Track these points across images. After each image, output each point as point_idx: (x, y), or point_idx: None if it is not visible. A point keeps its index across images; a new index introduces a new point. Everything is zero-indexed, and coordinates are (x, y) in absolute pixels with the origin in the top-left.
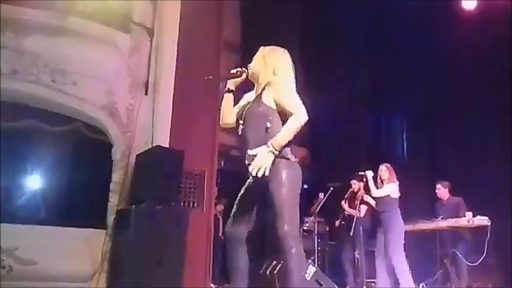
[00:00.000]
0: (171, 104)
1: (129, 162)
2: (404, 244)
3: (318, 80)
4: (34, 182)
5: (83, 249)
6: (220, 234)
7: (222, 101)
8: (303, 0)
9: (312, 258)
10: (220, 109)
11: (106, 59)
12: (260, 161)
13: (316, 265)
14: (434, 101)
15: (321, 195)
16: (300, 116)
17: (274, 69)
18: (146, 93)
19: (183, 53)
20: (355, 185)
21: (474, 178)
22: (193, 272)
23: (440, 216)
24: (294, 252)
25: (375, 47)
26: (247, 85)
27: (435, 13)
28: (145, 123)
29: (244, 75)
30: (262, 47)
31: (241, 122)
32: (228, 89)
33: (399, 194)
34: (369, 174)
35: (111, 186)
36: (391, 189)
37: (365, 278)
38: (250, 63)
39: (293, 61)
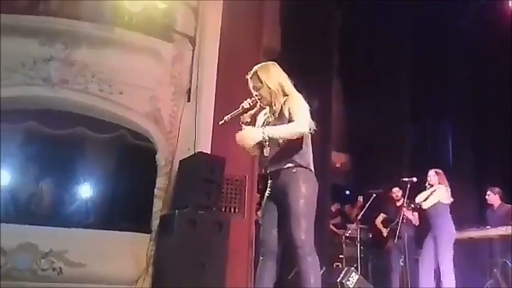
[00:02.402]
0: (213, 110)
1: (173, 168)
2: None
3: (359, 85)
4: (83, 187)
5: (128, 253)
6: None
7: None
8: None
9: (355, 265)
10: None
11: (150, 68)
12: (247, 134)
13: (359, 273)
14: (481, 104)
15: (360, 199)
16: (299, 125)
17: (282, 88)
18: (189, 101)
19: (224, 61)
20: (398, 192)
21: None
22: (236, 276)
23: (489, 225)
24: (310, 260)
25: (418, 49)
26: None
27: (479, 14)
28: (187, 129)
29: (258, 104)
30: (254, 71)
31: (266, 144)
32: (246, 122)
33: (451, 200)
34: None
35: (155, 191)
36: (440, 195)
37: (410, 286)
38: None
39: (332, 66)
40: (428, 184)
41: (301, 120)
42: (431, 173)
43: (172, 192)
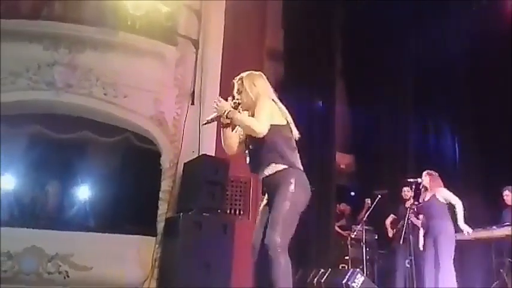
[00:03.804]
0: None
1: (177, 171)
2: (454, 253)
3: (363, 86)
4: (88, 190)
5: (134, 256)
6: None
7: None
8: (344, 6)
9: (360, 267)
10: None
11: (154, 71)
12: (222, 105)
13: (364, 274)
14: (486, 103)
15: (368, 201)
16: (257, 123)
17: (258, 95)
18: (192, 103)
19: (227, 63)
20: (408, 192)
21: None
22: (241, 277)
23: (507, 223)
24: (283, 263)
25: (420, 49)
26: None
27: (483, 13)
28: (192, 132)
29: (238, 108)
30: (241, 76)
31: (250, 146)
32: (227, 124)
33: (455, 200)
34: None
35: (160, 194)
36: (443, 196)
37: (416, 287)
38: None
39: (336, 65)
40: (422, 185)
41: (260, 119)
42: (424, 174)
43: (177, 195)
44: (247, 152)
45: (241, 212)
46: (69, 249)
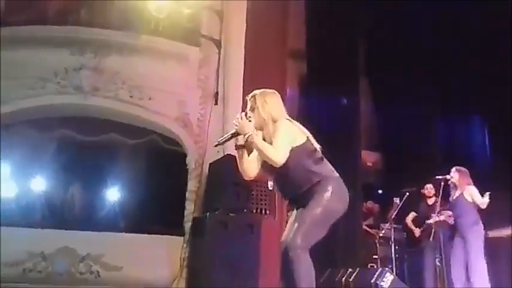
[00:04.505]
0: (240, 112)
1: (203, 171)
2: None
3: (388, 83)
4: (117, 192)
5: (162, 256)
6: None
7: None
8: (367, 6)
9: (390, 266)
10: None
11: (178, 73)
12: (243, 124)
13: (394, 273)
14: None
15: (396, 200)
16: (275, 152)
17: (273, 118)
18: (216, 103)
19: (250, 62)
20: (431, 189)
21: None
22: (268, 277)
23: None
24: (304, 264)
25: (448, 45)
26: None
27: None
28: (216, 132)
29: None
30: (253, 94)
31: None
32: (240, 145)
33: (481, 199)
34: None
35: (187, 194)
36: (471, 193)
37: (447, 286)
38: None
39: (359, 63)
40: (450, 182)
41: (279, 147)
42: (453, 170)
43: (204, 195)
44: (273, 178)
45: (267, 212)
46: (100, 250)
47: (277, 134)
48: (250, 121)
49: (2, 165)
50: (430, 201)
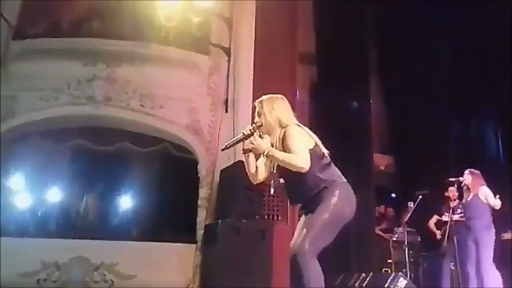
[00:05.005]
0: (251, 119)
1: (214, 178)
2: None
3: (400, 84)
4: (129, 200)
5: (175, 263)
6: None
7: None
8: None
9: (404, 270)
10: (298, 122)
11: (188, 81)
12: (259, 144)
13: (408, 277)
14: None
15: (410, 204)
16: (300, 159)
17: (280, 122)
18: (226, 111)
19: (259, 69)
20: (455, 191)
21: None
22: (281, 283)
23: None
24: (312, 269)
25: (461, 43)
26: None
27: None
28: (227, 139)
29: (257, 132)
30: (261, 99)
31: (284, 178)
32: (247, 149)
33: (494, 200)
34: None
35: (199, 201)
36: (485, 194)
37: None
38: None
39: (370, 65)
40: (464, 184)
41: (300, 153)
42: (466, 173)
43: (215, 202)
44: (282, 183)
45: (279, 217)
46: (114, 258)
47: (293, 140)
48: (262, 138)
49: (16, 176)
50: (452, 204)
